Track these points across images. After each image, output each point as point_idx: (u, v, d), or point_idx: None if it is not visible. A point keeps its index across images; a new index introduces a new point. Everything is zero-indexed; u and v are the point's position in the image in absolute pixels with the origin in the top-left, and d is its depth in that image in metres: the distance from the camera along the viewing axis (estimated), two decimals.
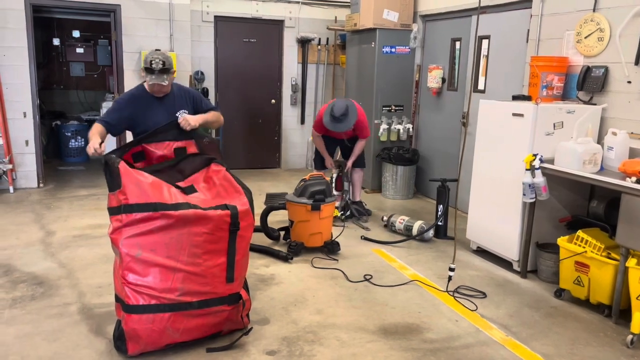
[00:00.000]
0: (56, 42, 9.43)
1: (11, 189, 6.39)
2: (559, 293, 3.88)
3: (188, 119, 3.19)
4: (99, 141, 3.08)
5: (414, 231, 5.05)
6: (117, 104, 3.43)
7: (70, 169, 8.02)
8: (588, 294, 3.66)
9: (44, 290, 3.73)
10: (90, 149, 3.06)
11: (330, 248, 4.62)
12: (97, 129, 3.24)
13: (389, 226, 5.33)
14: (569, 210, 4.26)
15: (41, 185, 6.70)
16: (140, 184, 2.75)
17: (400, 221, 5.20)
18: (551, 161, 3.98)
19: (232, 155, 7.93)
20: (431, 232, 5.08)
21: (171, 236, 2.76)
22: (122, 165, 2.78)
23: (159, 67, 3.22)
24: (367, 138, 5.68)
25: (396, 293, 3.89)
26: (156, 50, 3.38)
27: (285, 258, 4.44)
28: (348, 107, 5.19)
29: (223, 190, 3.02)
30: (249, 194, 3.04)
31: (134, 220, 2.71)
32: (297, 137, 8.39)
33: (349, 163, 5.61)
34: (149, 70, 3.23)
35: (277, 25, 8.02)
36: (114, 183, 2.77)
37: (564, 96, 4.53)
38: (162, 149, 3.13)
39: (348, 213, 5.59)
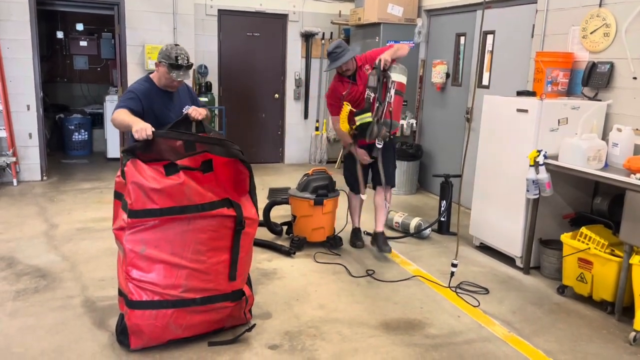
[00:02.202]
0: (60, 35, 9.43)
1: (15, 181, 6.41)
2: (562, 290, 3.87)
3: (197, 110, 3.12)
4: (150, 126, 2.82)
5: (412, 228, 5.03)
6: (133, 93, 3.20)
7: (74, 162, 8.03)
8: (591, 291, 3.65)
9: (47, 283, 3.74)
10: (142, 133, 2.76)
11: (333, 243, 4.62)
12: (129, 114, 3.01)
13: (386, 223, 5.27)
14: (573, 207, 4.25)
15: (45, 178, 6.72)
16: (145, 188, 2.67)
17: (396, 224, 5.15)
18: (555, 157, 3.96)
19: None
20: (429, 230, 5.05)
21: (175, 233, 2.76)
22: (129, 167, 2.71)
23: (185, 63, 3.12)
24: (403, 48, 4.27)
25: (398, 288, 3.88)
26: (175, 45, 3.24)
27: (288, 253, 4.44)
28: (342, 43, 4.36)
29: (234, 184, 2.99)
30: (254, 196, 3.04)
31: (138, 221, 2.71)
32: (301, 132, 8.37)
33: (384, 55, 4.09)
34: (175, 66, 3.10)
35: (280, 20, 7.99)
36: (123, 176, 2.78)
37: (569, 92, 4.50)
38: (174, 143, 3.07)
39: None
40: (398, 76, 4.09)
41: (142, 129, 2.77)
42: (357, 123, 4.17)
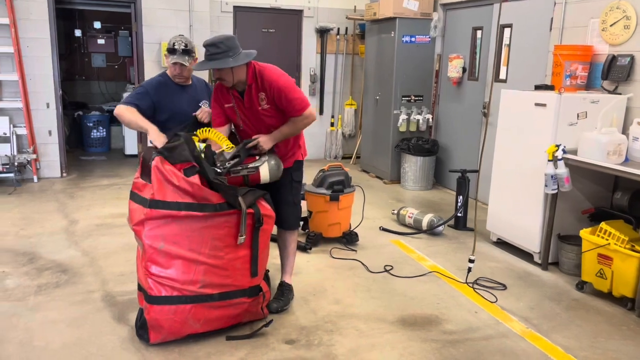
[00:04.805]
0: (78, 33, 9.54)
1: (35, 178, 6.51)
2: (581, 286, 3.83)
3: (208, 112, 3.21)
4: (163, 141, 2.98)
5: (424, 225, 5.00)
6: (143, 88, 3.36)
7: (92, 159, 8.14)
8: (611, 287, 3.60)
9: (68, 278, 3.80)
10: (158, 140, 2.99)
11: (349, 238, 4.63)
12: (137, 114, 3.16)
13: (399, 220, 5.27)
14: (592, 202, 4.20)
15: (64, 174, 6.81)
16: (168, 181, 2.73)
17: (409, 216, 5.10)
18: (574, 152, 3.91)
19: None
20: (441, 227, 4.99)
21: (193, 229, 2.79)
22: (156, 161, 2.76)
23: (181, 48, 3.30)
24: (305, 116, 3.14)
25: (415, 284, 3.87)
26: (179, 35, 3.45)
27: (304, 248, 4.45)
28: (228, 40, 3.00)
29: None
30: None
31: (158, 215, 2.74)
32: (316, 128, 8.33)
33: (264, 142, 3.10)
34: (171, 50, 3.30)
35: (296, 15, 7.99)
36: (146, 176, 2.83)
37: (588, 86, 4.44)
38: None
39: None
40: (264, 170, 3.05)
41: (158, 139, 3.01)
42: (202, 135, 3.04)
